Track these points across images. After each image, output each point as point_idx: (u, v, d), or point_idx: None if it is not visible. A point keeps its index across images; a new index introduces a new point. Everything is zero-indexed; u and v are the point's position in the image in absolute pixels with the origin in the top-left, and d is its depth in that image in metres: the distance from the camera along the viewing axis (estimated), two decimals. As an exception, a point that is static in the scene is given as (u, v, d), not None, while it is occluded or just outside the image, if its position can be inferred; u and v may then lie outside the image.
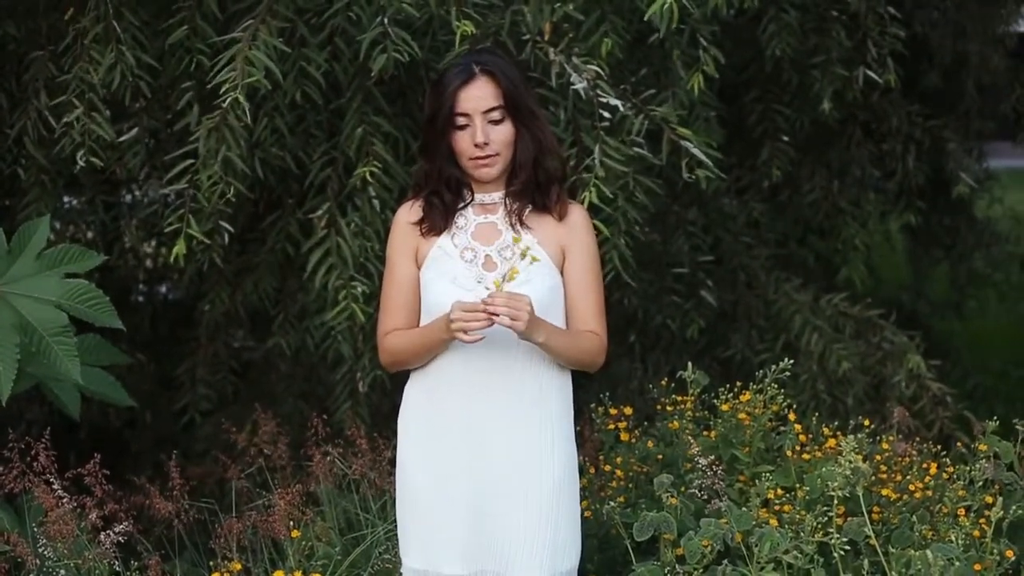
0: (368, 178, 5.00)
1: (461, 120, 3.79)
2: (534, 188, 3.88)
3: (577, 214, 3.95)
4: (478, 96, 3.77)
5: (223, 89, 4.67)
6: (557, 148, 3.98)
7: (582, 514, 4.05)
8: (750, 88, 6.60)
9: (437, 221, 3.89)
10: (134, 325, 5.04)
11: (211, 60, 4.90)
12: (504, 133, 3.81)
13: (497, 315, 3.62)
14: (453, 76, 3.80)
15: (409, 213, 3.94)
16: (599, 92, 4.89)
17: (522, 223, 3.88)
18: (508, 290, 3.72)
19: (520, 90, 3.84)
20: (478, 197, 3.90)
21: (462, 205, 3.91)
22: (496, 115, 3.79)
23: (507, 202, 3.89)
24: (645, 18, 4.64)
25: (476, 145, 3.78)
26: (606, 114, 4.93)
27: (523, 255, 3.79)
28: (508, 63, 3.90)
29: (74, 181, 6.10)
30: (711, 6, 4.78)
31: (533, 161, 3.85)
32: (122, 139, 5.36)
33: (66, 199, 6.27)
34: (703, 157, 5.01)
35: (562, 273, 3.89)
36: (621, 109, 4.93)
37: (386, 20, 4.79)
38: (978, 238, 8.04)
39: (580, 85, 4.87)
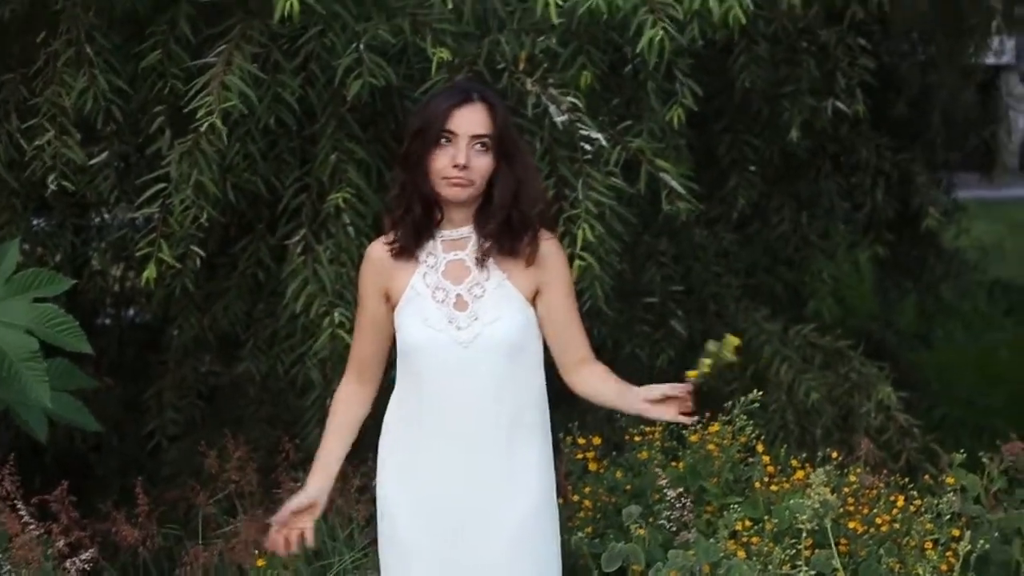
0: (342, 204, 5.00)
1: (446, 137, 3.76)
2: (506, 231, 3.84)
3: (548, 244, 3.92)
4: (470, 119, 3.75)
5: (200, 114, 4.67)
6: (542, 195, 3.96)
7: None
8: (719, 118, 6.61)
9: (409, 242, 3.86)
10: (101, 348, 5.02)
11: (184, 85, 4.90)
12: (484, 164, 3.78)
13: None
14: (450, 95, 3.80)
15: (380, 249, 3.92)
16: (579, 125, 4.90)
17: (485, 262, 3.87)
18: (480, 325, 3.80)
19: (511, 130, 3.85)
20: (446, 233, 3.86)
21: (430, 238, 3.88)
22: (480, 145, 3.77)
23: (476, 239, 3.86)
24: (637, 50, 4.66)
25: (455, 165, 3.74)
26: (587, 146, 4.94)
27: None
28: (502, 102, 3.90)
29: (43, 204, 6.07)
30: (687, 38, 4.80)
31: (511, 202, 3.82)
32: (93, 162, 5.34)
33: (35, 221, 6.23)
34: (680, 189, 5.04)
35: (535, 305, 3.89)
36: (602, 141, 4.94)
37: (361, 46, 4.80)
38: (946, 268, 8.08)
39: (561, 118, 4.88)
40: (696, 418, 3.77)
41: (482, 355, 3.80)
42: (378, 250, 3.93)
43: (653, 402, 3.82)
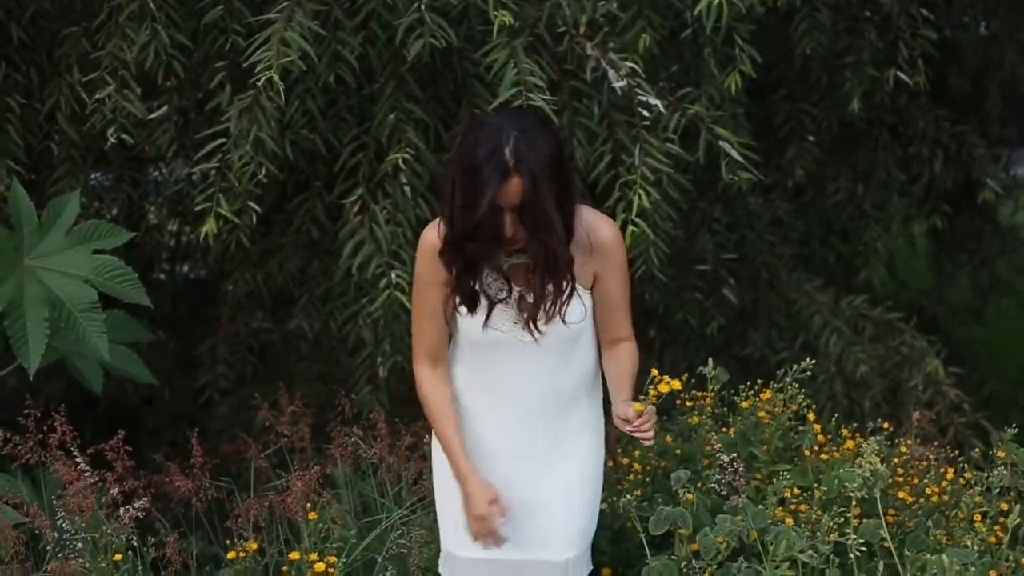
0: (400, 165, 5.01)
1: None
2: (544, 291, 3.80)
3: (606, 234, 3.89)
4: (511, 194, 3.60)
5: (258, 69, 4.69)
6: (566, 261, 3.76)
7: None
8: (778, 86, 6.59)
9: (469, 291, 3.82)
10: (155, 303, 5.05)
11: (245, 41, 4.92)
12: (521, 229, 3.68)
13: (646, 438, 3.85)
14: (490, 172, 3.58)
15: (436, 237, 3.81)
16: (638, 91, 4.90)
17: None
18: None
19: (541, 192, 3.62)
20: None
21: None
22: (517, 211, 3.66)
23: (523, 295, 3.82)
24: (694, 12, 4.65)
25: (506, 237, 3.68)
26: (645, 113, 4.94)
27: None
28: (544, 150, 3.65)
29: (101, 157, 6.12)
30: (747, 4, 4.79)
31: (543, 269, 3.74)
32: (152, 116, 5.39)
33: (92, 175, 6.29)
34: (740, 158, 5.03)
35: (591, 288, 3.91)
36: (660, 107, 4.94)
37: (423, 6, 4.80)
38: (1002, 244, 8.01)
39: (619, 84, 4.88)
40: (653, 441, 3.90)
41: (545, 350, 3.86)
42: (434, 239, 3.83)
43: (621, 420, 3.87)
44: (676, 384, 3.86)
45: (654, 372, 3.85)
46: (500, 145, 3.59)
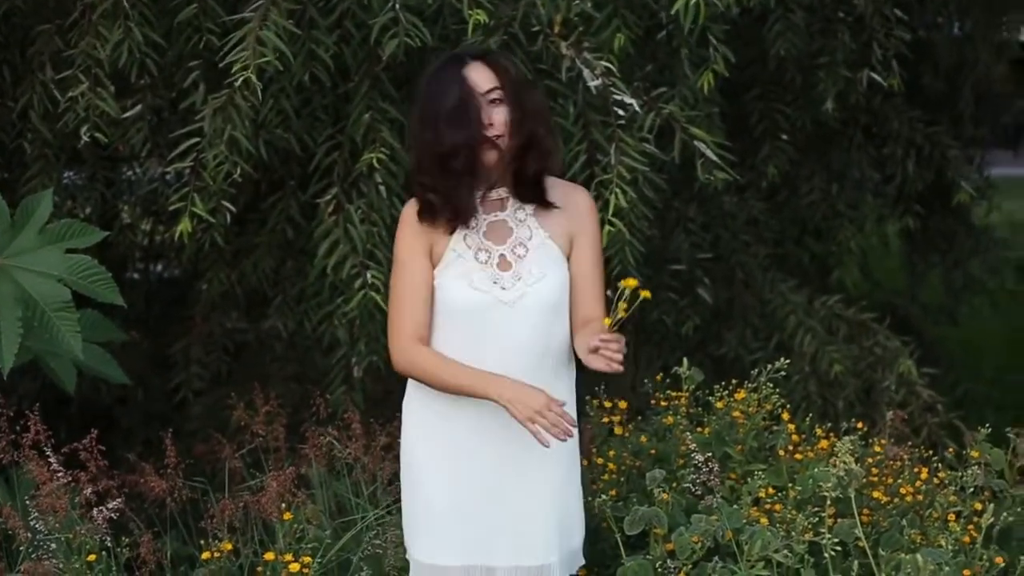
0: (375, 164, 5.01)
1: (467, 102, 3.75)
2: (533, 185, 3.85)
3: (583, 200, 3.96)
4: (480, 79, 3.74)
5: (235, 69, 4.68)
6: (550, 142, 3.87)
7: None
8: (752, 87, 6.60)
9: (468, 203, 3.82)
10: (128, 302, 5.03)
11: (220, 40, 4.90)
12: (503, 114, 3.76)
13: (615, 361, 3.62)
14: (455, 63, 3.78)
15: (417, 208, 3.86)
16: (613, 90, 4.90)
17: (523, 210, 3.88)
18: (524, 285, 3.81)
19: (516, 77, 3.82)
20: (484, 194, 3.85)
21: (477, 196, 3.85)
22: (495, 95, 3.75)
23: (514, 198, 3.86)
24: (671, 12, 4.66)
25: (489, 125, 3.74)
26: (620, 112, 4.94)
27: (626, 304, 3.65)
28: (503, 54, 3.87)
29: (74, 156, 6.10)
30: (723, 4, 4.80)
31: (524, 153, 3.79)
32: (126, 115, 5.36)
33: (65, 174, 6.26)
34: (715, 158, 5.04)
35: (568, 257, 3.91)
36: (635, 107, 4.94)
37: (397, 5, 4.80)
38: (975, 244, 8.04)
39: (594, 83, 4.88)
40: (622, 367, 3.63)
41: (525, 314, 3.81)
42: (416, 209, 3.87)
43: (591, 352, 3.67)
44: (645, 293, 3.65)
45: (624, 283, 3.64)
46: (462, 52, 3.89)
